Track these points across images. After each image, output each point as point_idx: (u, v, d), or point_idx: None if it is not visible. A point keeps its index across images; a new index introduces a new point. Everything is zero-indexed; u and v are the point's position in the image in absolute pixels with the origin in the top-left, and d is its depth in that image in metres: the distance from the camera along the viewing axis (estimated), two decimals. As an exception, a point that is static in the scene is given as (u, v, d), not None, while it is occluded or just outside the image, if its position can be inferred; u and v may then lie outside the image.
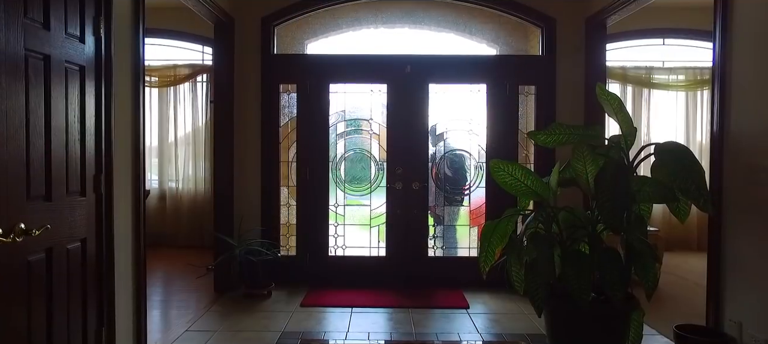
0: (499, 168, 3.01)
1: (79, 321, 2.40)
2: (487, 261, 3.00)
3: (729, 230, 2.95)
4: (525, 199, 3.19)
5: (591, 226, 2.86)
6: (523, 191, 3.05)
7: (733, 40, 2.91)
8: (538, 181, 2.99)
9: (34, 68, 2.04)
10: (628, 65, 6.66)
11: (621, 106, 2.85)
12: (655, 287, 2.74)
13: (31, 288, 2.05)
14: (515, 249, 2.93)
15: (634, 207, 2.82)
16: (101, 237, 2.56)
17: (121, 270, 2.78)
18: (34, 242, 2.01)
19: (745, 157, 2.83)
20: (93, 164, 2.50)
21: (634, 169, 2.85)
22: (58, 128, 2.20)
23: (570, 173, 2.94)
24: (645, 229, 2.87)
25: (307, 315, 4.03)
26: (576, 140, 2.85)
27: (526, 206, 3.32)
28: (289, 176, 4.96)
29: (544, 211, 2.96)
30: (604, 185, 2.68)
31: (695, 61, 6.55)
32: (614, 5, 4.17)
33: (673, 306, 4.31)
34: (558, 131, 2.92)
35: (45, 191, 2.13)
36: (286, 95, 4.95)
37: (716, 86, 3.01)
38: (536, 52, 5.05)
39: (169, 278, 5.35)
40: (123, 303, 2.83)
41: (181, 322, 3.85)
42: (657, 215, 6.09)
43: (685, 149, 2.69)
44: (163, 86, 6.83)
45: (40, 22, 2.08)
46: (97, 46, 2.50)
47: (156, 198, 6.87)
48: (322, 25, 5.63)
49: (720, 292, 3.00)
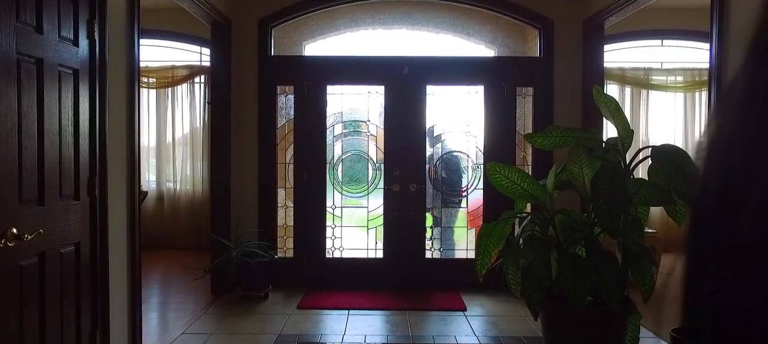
0: (495, 171, 3.00)
1: (73, 325, 2.39)
2: (484, 264, 3.00)
3: (726, 233, 2.93)
4: (522, 201, 3.18)
5: (587, 229, 2.85)
6: (519, 194, 3.04)
7: (730, 43, 2.90)
8: (535, 184, 2.98)
9: (27, 72, 2.03)
10: (626, 66, 6.65)
11: (618, 108, 2.84)
12: (651, 290, 2.74)
13: (24, 292, 2.04)
14: (512, 252, 2.92)
15: (631, 210, 2.81)
16: (95, 241, 2.55)
17: (115, 273, 2.77)
18: (27, 246, 2.00)
19: (742, 160, 2.82)
20: (87, 168, 2.49)
21: (631, 172, 2.84)
22: (51, 131, 2.19)
23: (567, 175, 2.94)
24: (642, 232, 2.87)
25: (304, 317, 4.02)
26: (572, 143, 2.84)
27: (523, 209, 3.31)
28: (286, 178, 4.95)
29: (540, 214, 2.95)
30: (601, 188, 2.67)
31: (694, 63, 6.54)
32: (612, 7, 4.16)
33: (671, 309, 4.30)
34: (554, 133, 2.91)
35: (37, 195, 2.12)
36: (284, 96, 4.95)
37: (713, 89, 3.00)
38: (534, 54, 5.04)
39: (166, 280, 5.35)
40: (118, 306, 2.82)
41: (178, 325, 3.84)
42: (656, 217, 6.07)
43: (681, 152, 2.68)
44: (161, 87, 6.82)
45: (33, 25, 2.07)
46: (91, 49, 2.49)
47: (154, 199, 6.86)
48: (320, 26, 5.63)
49: (717, 295, 2.99)
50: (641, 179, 2.81)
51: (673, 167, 2.61)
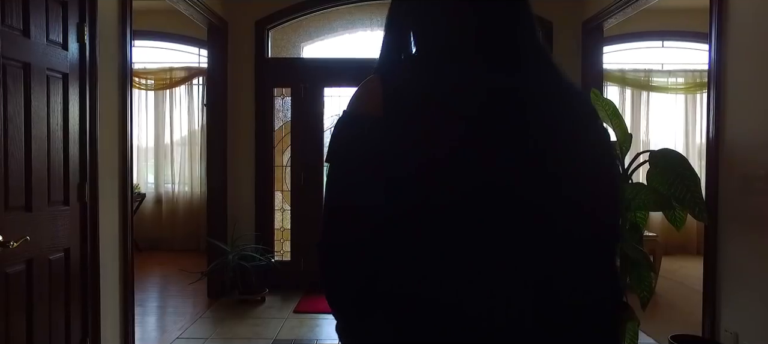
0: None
1: (62, 332, 2.36)
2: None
3: (725, 240, 2.90)
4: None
5: (585, 234, 2.81)
6: (516, 199, 2.99)
7: (729, 46, 2.86)
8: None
9: (13, 76, 2.00)
10: (626, 68, 6.60)
11: (616, 112, 2.80)
12: (650, 296, 2.70)
13: (10, 300, 2.01)
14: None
15: (629, 215, 2.77)
16: (86, 247, 2.52)
17: (107, 279, 2.74)
18: (12, 254, 1.97)
19: (740, 165, 2.78)
20: (77, 173, 2.46)
21: (629, 176, 2.80)
22: (38, 137, 2.16)
23: (564, 180, 2.89)
24: (640, 237, 2.82)
25: (300, 321, 3.98)
26: (569, 147, 2.80)
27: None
28: (283, 181, 4.92)
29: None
30: (598, 194, 2.63)
31: (694, 64, 6.49)
32: (611, 9, 4.12)
33: (671, 313, 4.26)
34: (551, 137, 2.86)
35: (25, 201, 2.09)
36: (281, 98, 4.91)
37: (712, 92, 2.96)
38: (533, 56, 4.99)
39: (163, 283, 5.32)
40: (110, 312, 2.79)
41: (173, 329, 3.81)
42: (656, 221, 6.02)
43: (680, 157, 2.64)
44: (160, 89, 6.79)
45: (19, 29, 2.04)
46: (81, 52, 2.46)
47: (152, 201, 6.84)
48: (317, 28, 5.60)
49: (716, 302, 2.95)
50: (640, 184, 2.76)
51: (671, 173, 2.57)
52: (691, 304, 4.00)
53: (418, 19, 0.84)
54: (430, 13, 0.82)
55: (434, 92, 0.79)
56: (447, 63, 0.82)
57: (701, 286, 3.10)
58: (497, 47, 0.82)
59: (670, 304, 4.50)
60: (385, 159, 0.77)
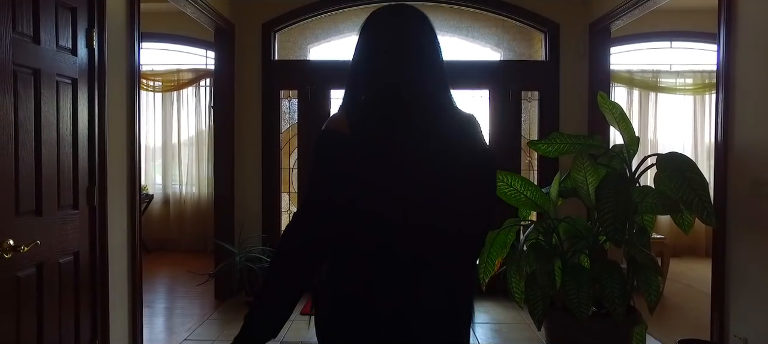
0: (498, 179, 2.95)
1: (72, 335, 2.38)
2: (487, 272, 2.96)
3: (734, 244, 2.88)
4: (526, 209, 3.14)
5: (592, 237, 2.80)
6: (523, 202, 2.99)
7: (738, 46, 2.84)
8: (538, 192, 2.93)
9: (24, 83, 2.02)
10: (634, 69, 6.56)
11: (623, 115, 2.78)
12: (658, 300, 2.68)
13: (21, 303, 2.03)
14: (515, 260, 2.88)
15: (637, 218, 2.76)
16: (95, 250, 2.54)
17: (116, 281, 2.76)
18: (23, 258, 1.99)
19: (750, 168, 2.76)
20: (86, 177, 2.48)
21: (637, 179, 2.79)
22: (48, 142, 2.19)
23: (570, 183, 2.89)
24: (648, 241, 2.81)
25: (307, 323, 4.00)
26: (576, 150, 2.79)
27: (528, 217, 3.26)
28: (290, 183, 4.94)
29: (544, 222, 2.91)
30: (606, 197, 2.62)
31: (703, 65, 6.44)
32: (618, 11, 4.10)
33: (679, 316, 4.24)
34: (558, 140, 2.86)
35: (35, 206, 2.11)
36: (287, 101, 4.93)
37: (720, 94, 2.94)
38: (540, 58, 4.98)
39: (171, 284, 5.35)
40: (118, 314, 2.81)
41: (181, 330, 3.84)
42: (665, 223, 5.99)
43: (687, 161, 2.62)
44: (167, 91, 6.84)
45: (30, 36, 2.06)
46: (90, 57, 2.48)
47: (160, 202, 6.88)
48: (324, 30, 5.61)
49: (724, 306, 2.93)
50: (647, 187, 2.75)
51: (679, 176, 2.55)
52: (700, 307, 3.98)
53: (366, 78, 1.32)
54: (372, 73, 1.31)
55: (377, 129, 1.20)
56: (384, 107, 1.24)
57: (710, 289, 3.08)
58: (415, 96, 1.27)
59: (678, 307, 4.47)
60: (353, 162, 1.16)
